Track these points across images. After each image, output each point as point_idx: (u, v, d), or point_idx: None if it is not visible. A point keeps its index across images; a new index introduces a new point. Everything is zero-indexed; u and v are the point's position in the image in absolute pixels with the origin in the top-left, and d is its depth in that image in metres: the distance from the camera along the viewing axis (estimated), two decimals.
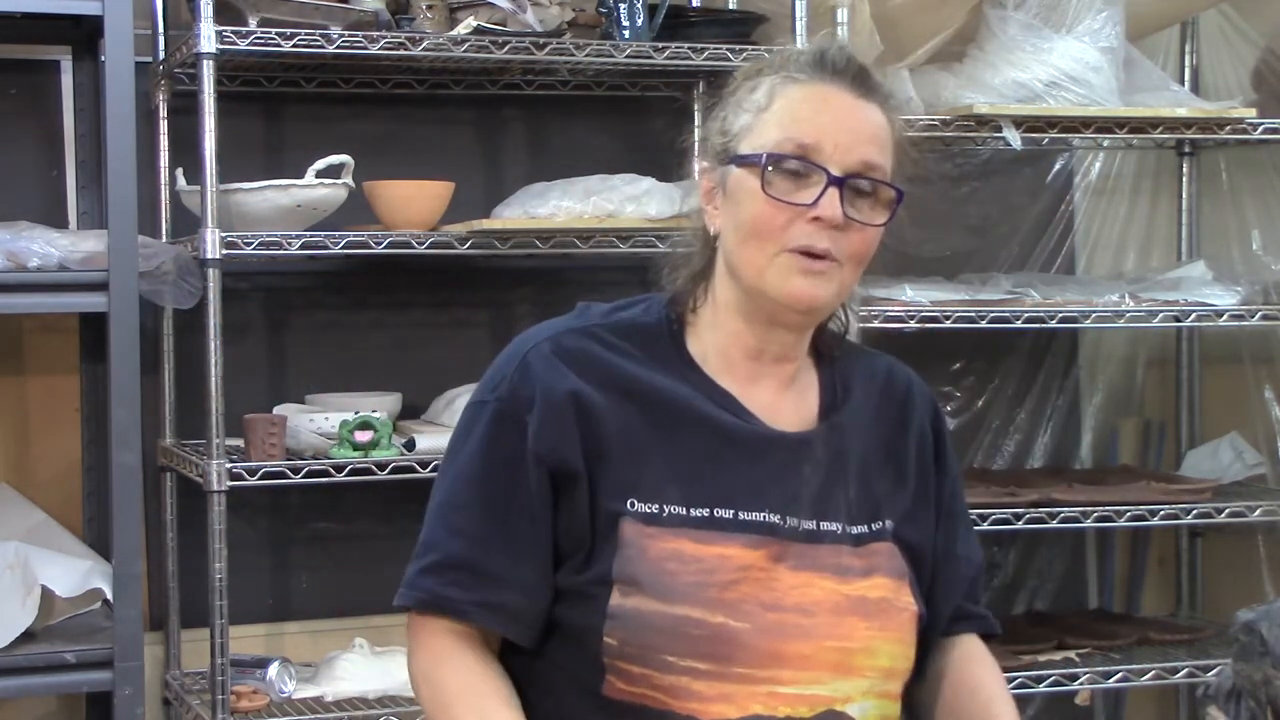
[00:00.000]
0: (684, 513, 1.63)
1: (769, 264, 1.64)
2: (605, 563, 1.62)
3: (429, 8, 3.05)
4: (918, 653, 1.74)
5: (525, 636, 1.66)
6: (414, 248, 2.97)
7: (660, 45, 3.08)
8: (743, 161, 1.66)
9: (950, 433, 1.87)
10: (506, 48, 2.98)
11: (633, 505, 1.63)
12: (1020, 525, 3.22)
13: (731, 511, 1.64)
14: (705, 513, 1.64)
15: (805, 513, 1.67)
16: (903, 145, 1.70)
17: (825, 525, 1.68)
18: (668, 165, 1.82)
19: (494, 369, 1.72)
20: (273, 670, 3.02)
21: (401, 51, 2.95)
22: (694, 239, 1.76)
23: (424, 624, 1.67)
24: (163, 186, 3.18)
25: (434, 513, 1.69)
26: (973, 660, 1.83)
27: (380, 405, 3.08)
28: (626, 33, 3.09)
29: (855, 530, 1.70)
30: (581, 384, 1.65)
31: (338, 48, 2.90)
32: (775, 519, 1.65)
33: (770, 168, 1.63)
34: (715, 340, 1.72)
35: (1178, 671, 3.33)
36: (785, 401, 1.73)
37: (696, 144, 1.76)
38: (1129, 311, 3.32)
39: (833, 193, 1.62)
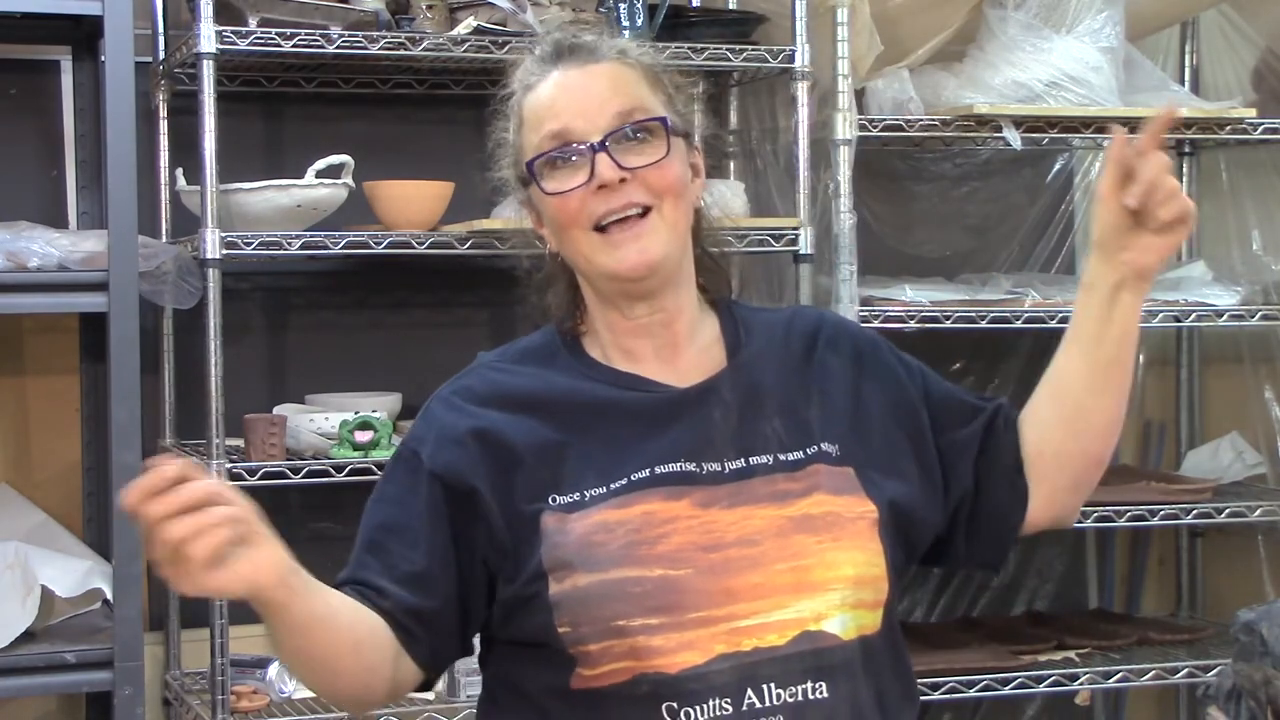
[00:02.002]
0: (604, 490, 1.65)
1: (590, 247, 1.68)
2: (534, 558, 1.63)
3: (429, 8, 3.06)
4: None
5: (408, 626, 1.66)
6: (414, 248, 2.97)
7: (660, 45, 3.07)
8: (527, 179, 1.72)
9: (888, 343, 1.85)
10: (506, 48, 2.98)
11: (553, 500, 1.65)
12: None
13: (647, 470, 1.66)
14: (623, 482, 1.65)
15: (728, 454, 1.68)
16: (661, 76, 1.75)
17: (755, 460, 1.68)
18: None
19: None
20: (273, 670, 3.02)
21: (401, 51, 2.96)
22: (546, 264, 1.80)
23: None
24: (163, 186, 3.18)
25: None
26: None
27: (380, 405, 3.08)
28: (626, 33, 3.08)
29: (789, 457, 1.70)
30: (484, 414, 1.69)
31: (338, 48, 2.90)
32: (691, 466, 1.66)
33: (540, 169, 1.69)
34: (609, 340, 1.75)
35: (1178, 671, 3.33)
36: (687, 361, 1.74)
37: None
38: None
39: (601, 158, 1.66)
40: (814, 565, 1.63)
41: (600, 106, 1.68)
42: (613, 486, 1.65)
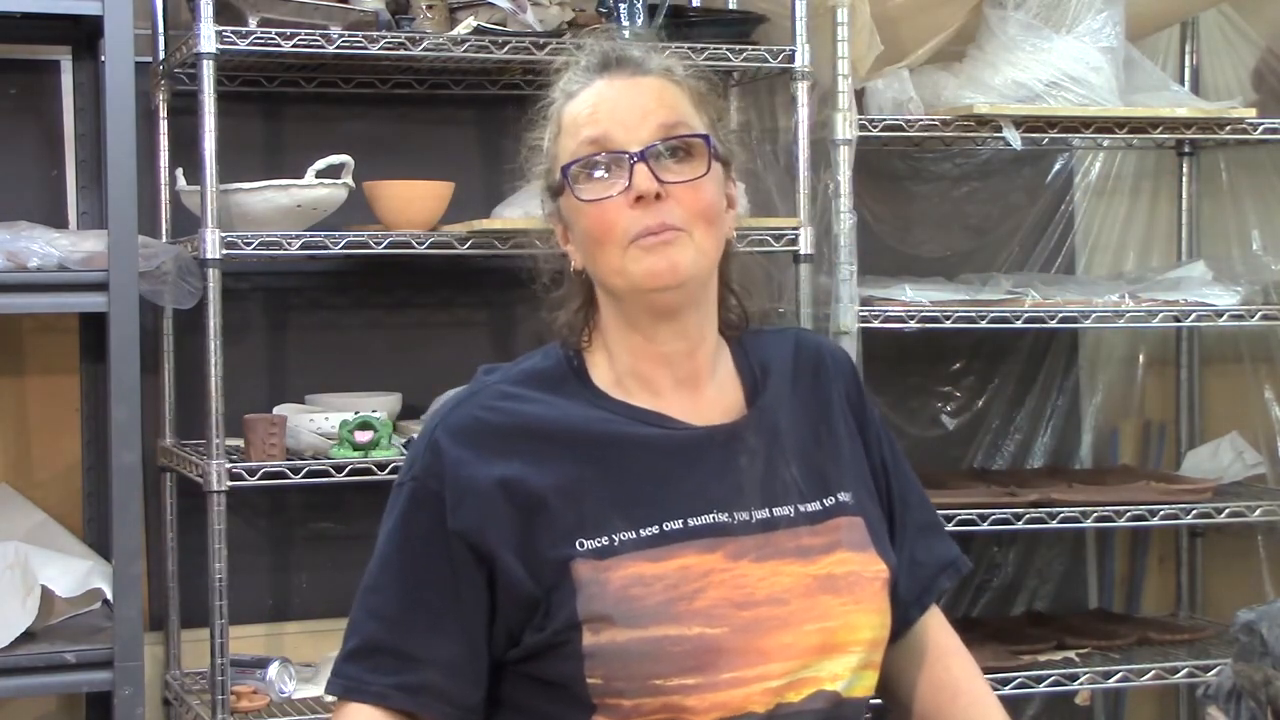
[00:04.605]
0: (634, 536, 1.61)
1: (622, 261, 1.64)
2: (568, 608, 1.59)
3: (429, 8, 3.06)
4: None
5: (455, 717, 1.64)
6: (414, 248, 2.97)
7: (660, 45, 3.07)
8: (560, 188, 1.68)
9: (871, 399, 1.84)
10: (506, 48, 2.99)
11: (581, 545, 1.60)
12: (1020, 525, 3.22)
13: (680, 521, 1.62)
14: (655, 530, 1.61)
15: (755, 503, 1.66)
16: (707, 99, 1.72)
17: (778, 511, 1.67)
18: None
19: (411, 448, 1.71)
20: (273, 670, 3.02)
21: (401, 51, 2.96)
22: (568, 281, 1.75)
23: (345, 708, 1.65)
24: (163, 186, 3.18)
25: (358, 596, 1.68)
26: (943, 652, 1.82)
27: (380, 405, 3.08)
28: (626, 33, 3.08)
29: (809, 509, 1.69)
30: (503, 457, 1.63)
31: (338, 48, 2.90)
32: (724, 518, 1.64)
33: (576, 176, 1.65)
34: (623, 365, 1.70)
35: (1178, 671, 3.33)
36: (708, 398, 1.71)
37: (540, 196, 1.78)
38: (1129, 311, 3.32)
39: (639, 168, 1.62)
40: (838, 628, 1.64)
41: (642, 118, 1.65)
42: (643, 534, 1.61)
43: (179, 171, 3.04)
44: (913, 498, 1.82)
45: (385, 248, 2.96)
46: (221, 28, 2.82)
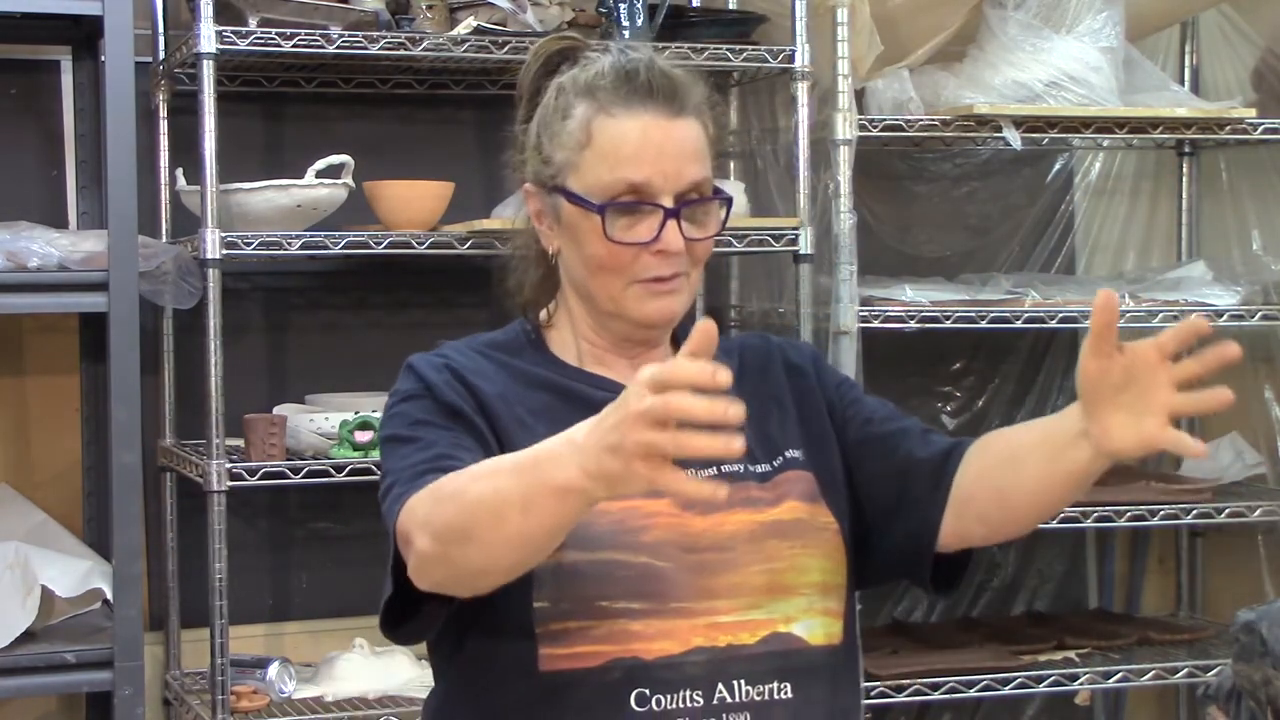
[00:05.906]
0: None
1: (622, 294, 1.70)
2: None
3: (429, 8, 3.06)
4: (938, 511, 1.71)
5: None
6: (414, 248, 2.97)
7: (660, 45, 3.08)
8: (575, 200, 1.69)
9: (825, 359, 1.89)
10: (506, 48, 2.99)
11: None
12: None
13: None
14: None
15: (699, 461, 1.64)
16: (715, 141, 1.76)
17: (726, 468, 1.69)
18: None
19: (392, 390, 1.77)
20: (273, 670, 3.02)
21: (401, 51, 2.96)
22: (528, 250, 1.79)
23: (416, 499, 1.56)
24: (163, 186, 3.18)
25: (386, 489, 1.63)
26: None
27: (380, 405, 3.07)
28: (626, 33, 3.08)
29: (759, 469, 1.72)
30: (470, 379, 1.69)
31: (338, 48, 2.90)
32: None
33: (607, 212, 1.67)
34: (581, 346, 1.76)
35: (1178, 671, 3.33)
36: None
37: (513, 161, 1.79)
38: (1129, 311, 3.32)
39: (671, 224, 1.67)
40: (786, 569, 1.67)
41: (679, 170, 1.68)
42: None
43: (179, 171, 3.04)
44: (881, 413, 1.82)
45: (385, 248, 2.96)
46: (221, 28, 2.82)
